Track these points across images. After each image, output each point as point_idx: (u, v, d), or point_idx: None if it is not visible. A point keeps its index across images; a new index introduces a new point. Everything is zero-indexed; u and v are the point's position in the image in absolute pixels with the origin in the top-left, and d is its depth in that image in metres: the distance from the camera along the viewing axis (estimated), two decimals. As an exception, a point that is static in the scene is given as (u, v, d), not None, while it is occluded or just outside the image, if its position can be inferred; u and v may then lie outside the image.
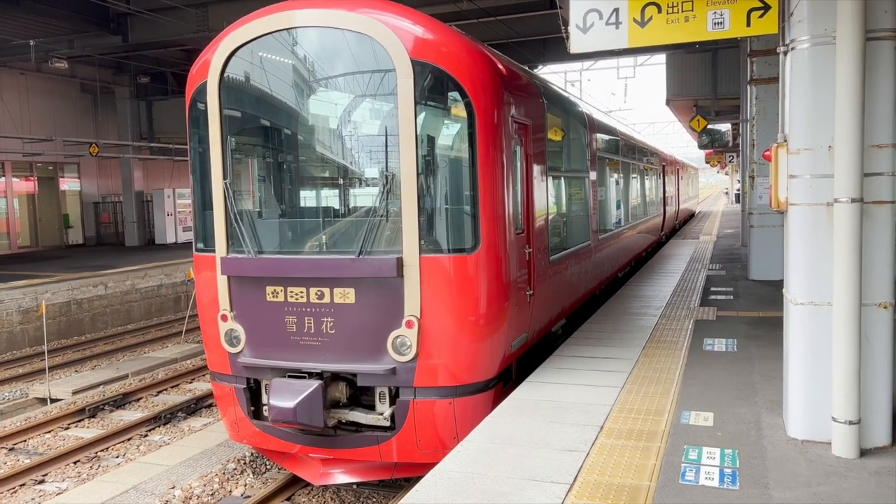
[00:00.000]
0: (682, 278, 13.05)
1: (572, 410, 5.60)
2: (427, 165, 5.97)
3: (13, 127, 22.94)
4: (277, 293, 6.25)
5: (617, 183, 13.16)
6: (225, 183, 6.38)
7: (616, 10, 4.98)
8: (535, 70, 19.91)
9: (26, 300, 14.65)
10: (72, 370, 12.53)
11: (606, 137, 12.03)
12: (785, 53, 4.80)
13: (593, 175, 10.40)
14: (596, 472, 4.39)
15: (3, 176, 24.31)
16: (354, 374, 6.16)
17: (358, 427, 6.27)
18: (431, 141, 6.07)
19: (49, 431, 9.23)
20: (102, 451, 8.46)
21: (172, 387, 11.23)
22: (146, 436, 8.99)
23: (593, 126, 10.71)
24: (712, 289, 11.70)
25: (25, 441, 8.92)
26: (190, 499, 6.82)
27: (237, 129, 6.60)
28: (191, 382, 11.50)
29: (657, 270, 14.43)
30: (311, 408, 5.90)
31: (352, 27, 5.93)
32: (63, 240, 26.98)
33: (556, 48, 21.77)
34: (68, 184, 27.39)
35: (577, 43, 5.13)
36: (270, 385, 6.10)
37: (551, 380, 6.50)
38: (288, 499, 6.87)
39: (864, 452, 4.52)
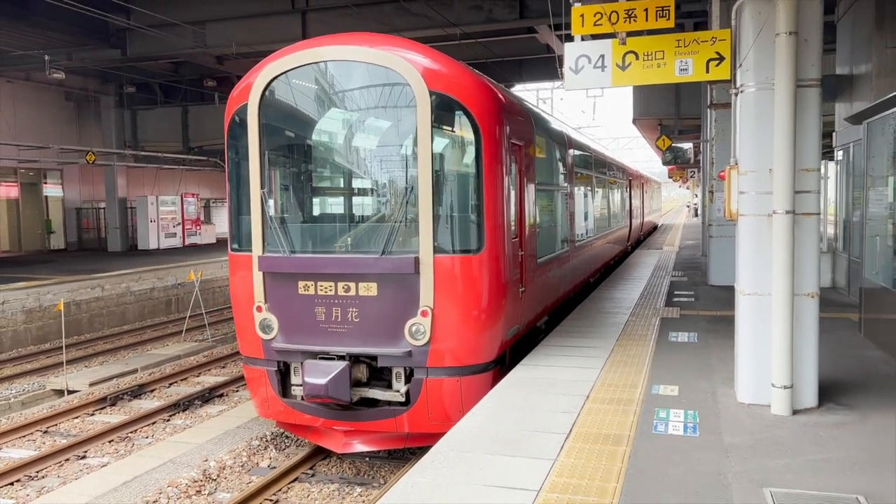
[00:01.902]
0: (648, 283, 14.31)
1: (562, 385, 6.71)
2: (440, 179, 7.05)
3: (3, 134, 23.41)
4: (308, 287, 7.25)
5: (589, 196, 14.39)
6: (262, 191, 7.37)
7: (602, 56, 6.14)
8: (512, 88, 21.15)
9: (29, 301, 15.32)
10: (81, 365, 13.26)
11: (582, 155, 13.26)
12: (736, 95, 6.01)
13: (571, 189, 11.60)
14: (586, 426, 5.50)
15: (-11, 181, 24.76)
16: (375, 357, 7.18)
17: (374, 402, 7.29)
18: (444, 158, 7.15)
19: (77, 417, 10.04)
20: (132, 432, 9.32)
21: (182, 380, 12.07)
22: (169, 420, 9.85)
23: (571, 145, 11.93)
24: (675, 292, 12.96)
25: (57, 425, 9.72)
26: (224, 469, 7.75)
27: (273, 145, 7.60)
28: (198, 376, 12.34)
29: (625, 277, 15.69)
30: (339, 385, 6.92)
31: (378, 62, 7.00)
32: (45, 245, 27.37)
33: (531, 68, 23.06)
34: (50, 190, 27.81)
35: (570, 82, 6.28)
36: (304, 366, 7.09)
37: (541, 363, 7.61)
38: (311, 468, 7.84)
39: (795, 412, 5.71)
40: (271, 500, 7.00)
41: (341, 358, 7.15)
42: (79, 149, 23.21)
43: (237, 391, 11.26)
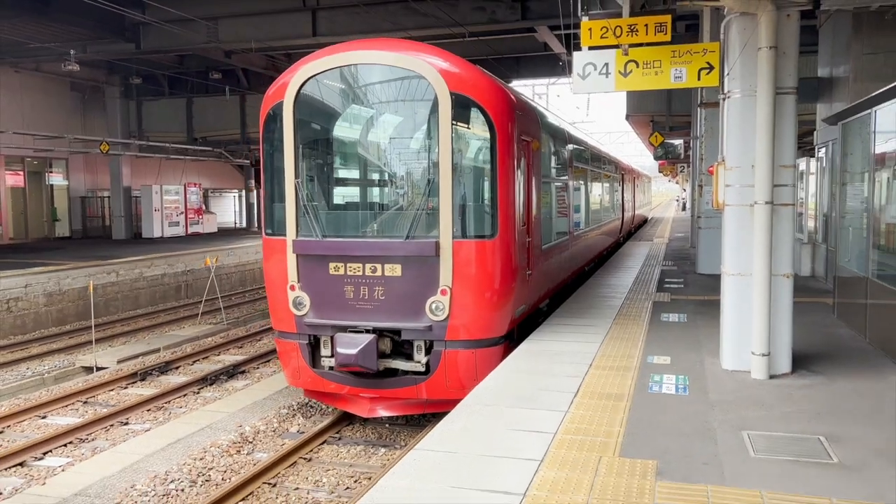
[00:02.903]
0: (640, 272, 15.17)
1: (567, 355, 7.55)
2: (459, 171, 7.84)
3: (10, 123, 23.96)
4: (338, 268, 8.04)
5: (586, 189, 15.23)
6: (296, 181, 8.14)
7: (606, 64, 6.95)
8: (510, 83, 21.91)
9: (49, 284, 16.01)
10: (105, 345, 13.98)
11: (580, 150, 14.09)
12: (723, 100, 6.84)
13: (571, 182, 12.43)
14: (591, 387, 6.34)
15: (-3, 170, 25.34)
16: (398, 331, 7.98)
17: (394, 372, 8.09)
18: (462, 153, 7.94)
19: (112, 390, 10.80)
20: (166, 403, 10.09)
21: (203, 358, 12.83)
22: (198, 393, 10.63)
23: (571, 141, 12.76)
24: (666, 280, 13.82)
25: (94, 396, 10.48)
26: (258, 433, 8.54)
27: (306, 139, 8.36)
28: (218, 355, 13.11)
29: (618, 266, 16.55)
30: (368, 354, 7.72)
31: (404, 66, 7.78)
32: (51, 232, 27.95)
33: (528, 65, 23.84)
34: (55, 178, 28.36)
35: (577, 86, 7.09)
36: (336, 338, 7.88)
37: (546, 338, 8.45)
38: (337, 433, 8.64)
39: (772, 376, 6.57)
40: (305, 458, 7.80)
41: (368, 332, 7.94)
42: (91, 139, 23.80)
43: (258, 368, 12.04)
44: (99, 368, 12.26)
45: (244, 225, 37.11)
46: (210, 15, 17.81)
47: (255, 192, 34.24)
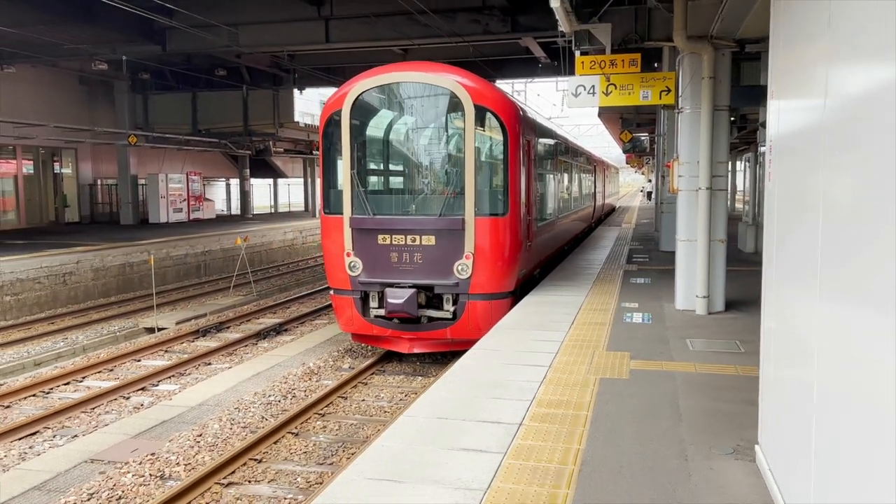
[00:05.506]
0: (612, 250, 17.81)
1: (561, 304, 10.07)
2: (480, 164, 10.29)
3: (24, 114, 25.71)
4: (385, 239, 10.45)
5: (568, 179, 17.80)
6: (352, 172, 10.52)
7: (593, 86, 9.45)
8: (494, 83, 24.27)
9: (95, 261, 18.09)
10: (156, 312, 16.17)
11: (564, 146, 16.64)
12: (678, 113, 9.39)
13: (557, 173, 14.98)
14: (582, 320, 8.87)
15: (15, 158, 27.06)
16: (432, 287, 10.42)
17: (420, 320, 10.52)
18: (482, 150, 10.39)
19: (182, 343, 13.06)
20: (234, 351, 12.40)
21: (247, 321, 15.11)
22: (256, 344, 12.94)
23: (556, 139, 15.29)
24: (634, 255, 16.47)
25: (171, 347, 12.73)
26: (320, 368, 10.92)
27: (359, 139, 10.73)
28: (259, 319, 15.40)
29: (592, 246, 19.18)
30: (410, 303, 10.16)
31: (438, 83, 10.20)
32: (61, 218, 29.71)
33: (510, 67, 26.29)
34: (65, 167, 30.08)
35: (570, 102, 9.59)
36: (386, 292, 10.29)
37: (543, 293, 10.97)
38: (381, 367, 11.06)
39: (710, 313, 9.17)
40: (363, 383, 10.22)
41: (409, 288, 10.37)
42: (117, 131, 25.67)
43: (297, 327, 14.38)
44: (160, 329, 14.48)
45: (238, 212, 39.04)
46: (231, 22, 19.87)
47: (249, 180, 36.23)
